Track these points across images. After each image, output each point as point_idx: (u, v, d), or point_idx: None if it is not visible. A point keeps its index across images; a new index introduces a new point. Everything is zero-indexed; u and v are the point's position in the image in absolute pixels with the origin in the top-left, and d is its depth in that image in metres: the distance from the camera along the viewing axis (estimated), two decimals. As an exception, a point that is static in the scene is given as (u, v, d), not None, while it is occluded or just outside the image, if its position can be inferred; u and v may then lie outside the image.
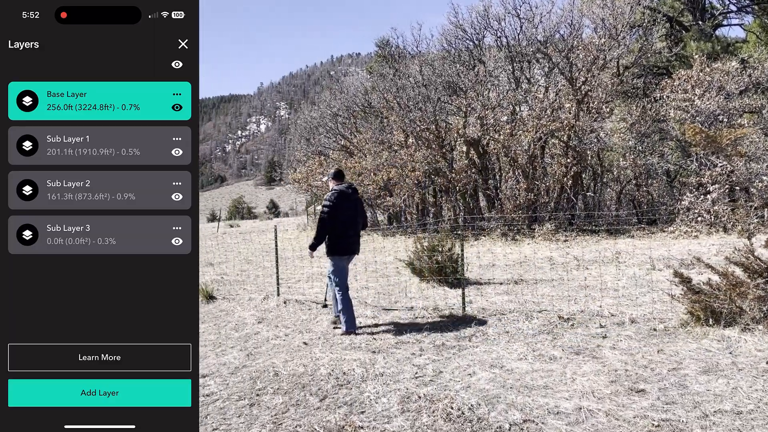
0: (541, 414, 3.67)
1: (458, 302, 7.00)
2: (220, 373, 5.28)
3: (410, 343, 5.75)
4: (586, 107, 13.52)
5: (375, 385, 4.52)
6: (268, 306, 8.10)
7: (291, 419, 4.01)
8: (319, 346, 5.93)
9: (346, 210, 6.30)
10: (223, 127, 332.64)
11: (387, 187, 16.29)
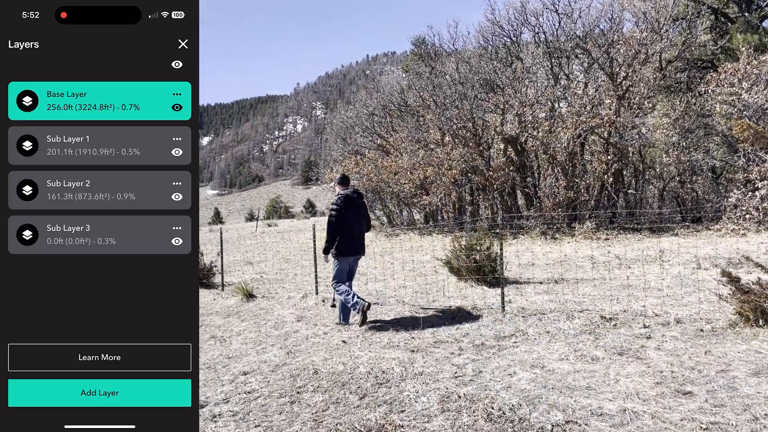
0: (584, 415, 3.61)
1: (497, 302, 6.94)
2: (261, 370, 5.35)
3: (449, 342, 5.72)
4: (627, 103, 13.22)
5: (414, 384, 4.51)
6: (306, 304, 8.17)
7: (331, 417, 4.03)
8: (357, 344, 5.95)
9: (351, 213, 6.73)
10: (261, 128, 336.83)
11: (423, 185, 16.24)
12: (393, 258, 12.42)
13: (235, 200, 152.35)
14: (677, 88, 15.63)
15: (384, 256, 12.94)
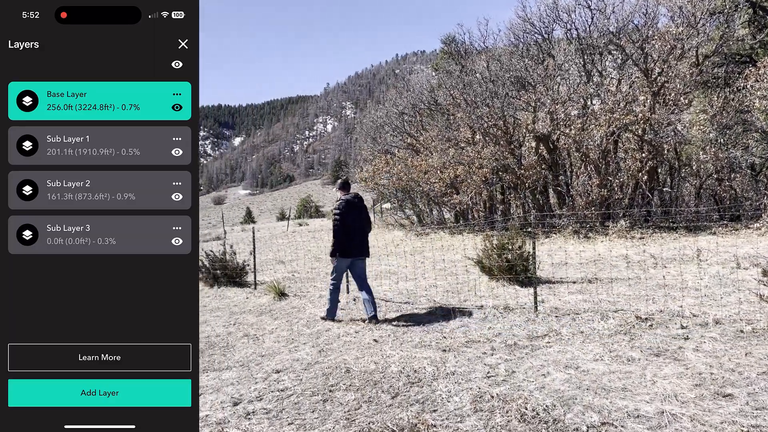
0: (620, 417, 3.55)
1: (530, 301, 6.87)
2: (293, 368, 5.39)
3: (481, 342, 5.69)
4: (662, 99, 12.95)
5: (446, 383, 4.50)
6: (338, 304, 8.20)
7: (364, 416, 4.04)
8: (389, 343, 5.96)
9: (353, 216, 7.13)
10: (291, 128, 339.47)
11: (453, 184, 16.16)
12: (423, 257, 12.40)
13: (267, 200, 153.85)
14: (714, 83, 15.23)
15: (414, 255, 12.92)
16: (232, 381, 5.18)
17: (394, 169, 17.52)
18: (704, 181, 13.95)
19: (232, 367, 5.74)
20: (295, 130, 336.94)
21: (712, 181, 13.92)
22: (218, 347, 6.62)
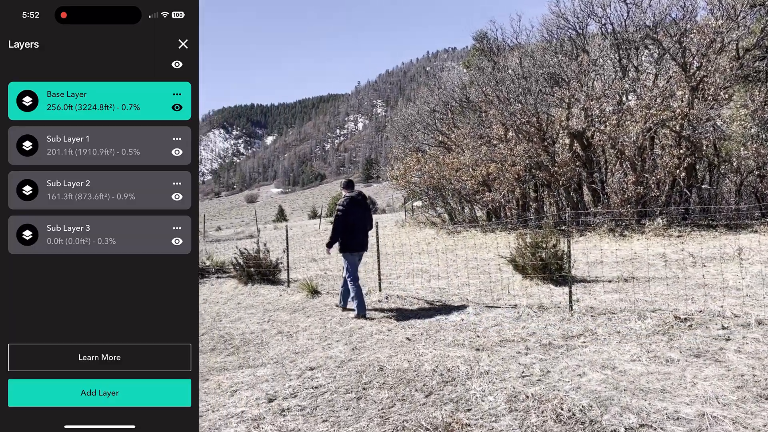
0: (659, 419, 3.48)
1: (564, 300, 6.79)
2: (327, 366, 5.43)
3: (515, 341, 5.64)
4: (701, 94, 12.62)
5: (480, 383, 4.48)
6: (370, 301, 8.22)
7: (397, 414, 4.05)
8: (422, 341, 5.96)
9: (356, 213, 7.53)
10: (323, 126, 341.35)
11: (486, 182, 16.04)
12: (456, 255, 12.34)
13: (298, 198, 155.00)
14: (756, 77, 14.77)
15: (446, 253, 12.88)
16: (267, 378, 5.25)
17: (425, 167, 17.46)
18: (745, 178, 13.56)
19: (266, 363, 5.81)
20: (326, 128, 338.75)
21: (753, 177, 13.51)
22: (253, 344, 6.71)
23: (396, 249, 14.44)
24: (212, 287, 11.11)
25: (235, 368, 5.75)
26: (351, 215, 7.48)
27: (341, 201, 7.59)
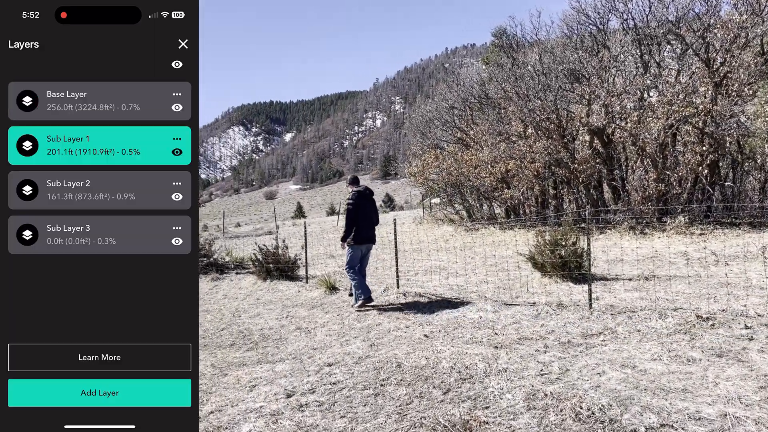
0: (681, 419, 3.44)
1: (584, 298, 6.73)
2: (345, 362, 5.45)
3: (534, 339, 5.61)
4: (724, 90, 12.41)
5: (499, 380, 4.46)
6: (388, 298, 8.23)
7: (415, 411, 4.05)
8: (439, 339, 5.95)
9: (364, 207, 7.82)
10: (341, 123, 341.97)
11: (505, 179, 15.95)
12: (474, 253, 12.31)
13: (317, 195, 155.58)
14: (781, 73, 14.53)
15: (464, 250, 12.85)
16: (286, 373, 5.28)
17: (443, 163, 17.41)
18: (770, 175, 13.34)
19: (285, 359, 5.84)
20: (344, 125, 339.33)
21: (778, 175, 13.28)
22: (271, 340, 6.76)
23: (414, 246, 14.43)
24: (231, 283, 11.20)
25: (254, 363, 5.79)
26: (360, 209, 7.76)
27: (350, 196, 7.85)
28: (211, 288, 10.92)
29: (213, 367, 5.76)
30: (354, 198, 7.78)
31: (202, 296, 10.26)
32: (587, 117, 13.59)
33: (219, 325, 7.78)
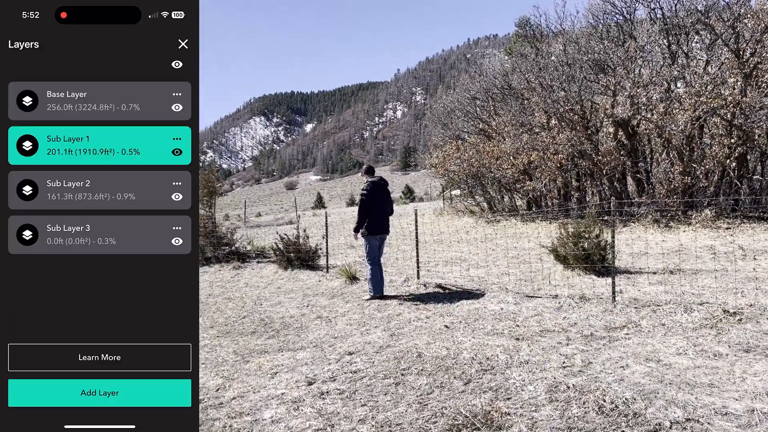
0: (707, 414, 3.39)
1: (607, 291, 6.66)
2: (365, 351, 5.46)
3: (556, 331, 5.57)
4: (754, 81, 12.12)
5: (520, 372, 4.44)
6: (408, 288, 8.23)
7: (436, 401, 4.04)
8: (460, 330, 5.93)
9: (378, 197, 7.81)
10: (361, 114, 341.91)
11: (527, 171, 15.80)
12: (495, 245, 12.24)
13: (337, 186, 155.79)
14: (813, 64, 14.15)
15: (485, 242, 12.78)
16: (306, 361, 5.31)
17: (465, 155, 17.30)
18: (800, 169, 13.04)
19: (305, 347, 5.87)
20: (365, 116, 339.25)
21: (808, 168, 12.98)
22: (292, 328, 6.79)
23: (434, 237, 14.40)
24: (253, 271, 11.28)
25: (275, 351, 5.83)
26: (375, 199, 7.77)
27: (364, 186, 7.84)
28: (233, 276, 11.01)
29: (235, 354, 5.81)
30: (368, 188, 7.76)
31: (223, 284, 10.36)
32: (612, 108, 13.39)
33: (241, 313, 7.84)
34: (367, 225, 7.75)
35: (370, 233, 7.77)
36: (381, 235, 7.96)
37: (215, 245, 12.52)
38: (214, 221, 13.58)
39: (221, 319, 7.60)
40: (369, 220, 7.73)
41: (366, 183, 7.86)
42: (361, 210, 7.75)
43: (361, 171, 8.28)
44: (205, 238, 12.45)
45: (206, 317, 7.76)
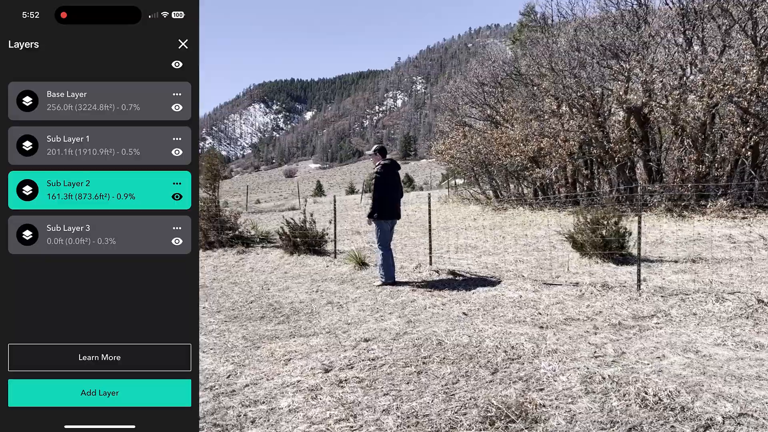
0: (760, 408, 3.16)
1: (629, 279, 6.44)
2: (382, 338, 5.23)
3: (581, 320, 5.34)
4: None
5: (549, 361, 4.21)
6: (420, 275, 7.99)
7: (463, 391, 3.81)
8: (479, 317, 5.71)
9: (391, 180, 7.51)
10: (362, 103, 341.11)
11: (535, 158, 15.51)
12: (504, 232, 12.02)
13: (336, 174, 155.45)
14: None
15: (494, 230, 12.57)
16: (321, 347, 5.07)
17: (471, 141, 17.00)
18: (816, 159, 12.79)
19: (318, 333, 5.64)
20: (365, 104, 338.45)
21: (824, 159, 12.73)
22: (303, 313, 6.56)
23: (441, 224, 14.15)
24: (258, 256, 11.03)
25: (286, 337, 5.60)
26: (388, 181, 7.47)
27: (377, 168, 7.50)
28: (237, 261, 10.75)
29: (244, 339, 5.57)
30: (381, 172, 7.45)
31: (228, 268, 10.10)
32: (624, 95, 13.09)
33: (248, 298, 7.60)
34: (379, 210, 7.45)
35: (381, 217, 7.48)
36: (392, 220, 7.67)
37: (218, 229, 12.25)
38: (217, 204, 13.27)
39: (228, 303, 7.35)
40: (382, 204, 7.43)
41: (379, 165, 7.55)
42: (376, 194, 7.45)
43: (372, 151, 7.88)
44: (209, 222, 12.18)
45: (212, 301, 7.52)
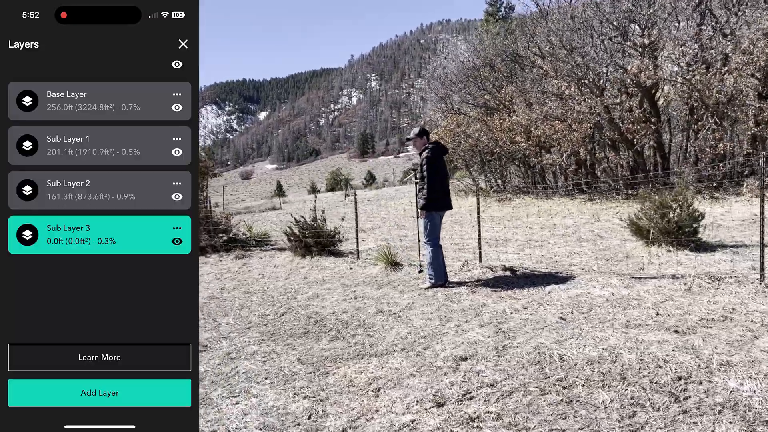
0: None
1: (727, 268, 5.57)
2: (480, 354, 4.21)
3: (716, 320, 4.44)
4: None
5: (735, 378, 3.33)
6: (471, 274, 6.97)
7: (656, 428, 2.83)
8: (583, 322, 4.76)
9: (441, 165, 6.46)
10: (316, 101, 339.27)
11: (542, 144, 14.62)
12: (524, 223, 11.14)
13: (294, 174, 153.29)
14: None
15: (511, 220, 11.69)
16: (409, 371, 4.02)
17: (470, 129, 16.03)
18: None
19: (391, 351, 4.57)
20: (320, 103, 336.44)
21: None
22: (354, 326, 5.45)
23: (449, 217, 13.18)
24: (262, 260, 9.79)
25: (352, 357, 4.50)
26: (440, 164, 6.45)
27: (426, 153, 6.38)
28: (240, 267, 9.48)
29: (302, 363, 4.45)
30: (430, 154, 6.33)
31: (233, 276, 8.85)
32: (641, 73, 12.32)
33: (276, 310, 6.42)
34: (430, 200, 6.33)
35: (434, 208, 6.40)
36: (443, 212, 6.61)
37: (210, 232, 10.97)
38: (207, 206, 11.97)
39: (254, 317, 6.17)
40: (433, 193, 6.32)
41: (426, 149, 6.42)
42: (430, 180, 6.28)
43: (413, 134, 6.65)
44: (199, 224, 10.88)
45: (234, 315, 6.33)
